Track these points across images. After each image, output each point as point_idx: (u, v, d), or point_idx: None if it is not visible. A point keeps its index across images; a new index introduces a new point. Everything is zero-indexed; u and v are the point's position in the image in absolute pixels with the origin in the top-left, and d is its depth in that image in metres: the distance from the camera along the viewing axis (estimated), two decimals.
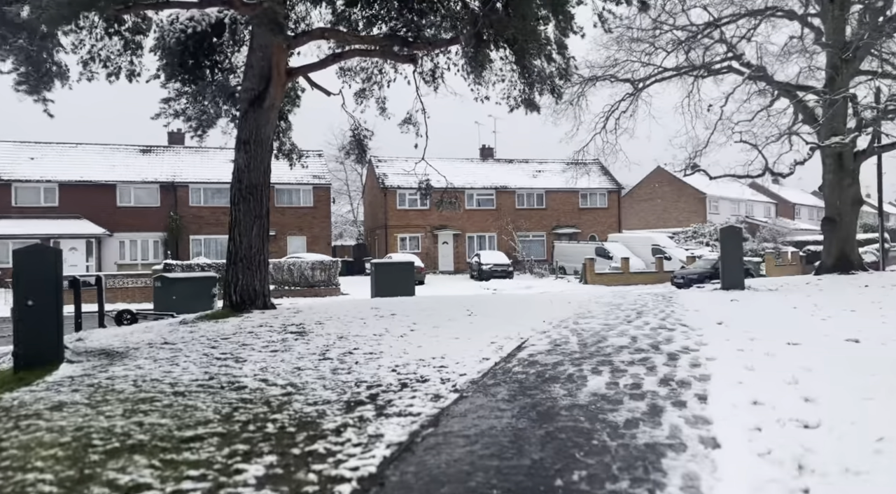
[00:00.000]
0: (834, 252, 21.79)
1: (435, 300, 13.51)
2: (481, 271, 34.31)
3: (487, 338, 7.89)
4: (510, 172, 43.15)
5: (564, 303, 12.48)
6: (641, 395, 4.72)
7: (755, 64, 21.60)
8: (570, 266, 36.69)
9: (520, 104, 14.31)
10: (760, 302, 11.77)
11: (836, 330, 7.67)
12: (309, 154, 41.07)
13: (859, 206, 22.14)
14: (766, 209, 59.36)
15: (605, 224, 42.60)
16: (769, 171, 19.96)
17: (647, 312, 10.48)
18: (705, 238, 42.39)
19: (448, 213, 40.26)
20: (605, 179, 43.42)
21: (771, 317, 9.24)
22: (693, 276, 29.03)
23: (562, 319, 9.69)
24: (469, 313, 10.62)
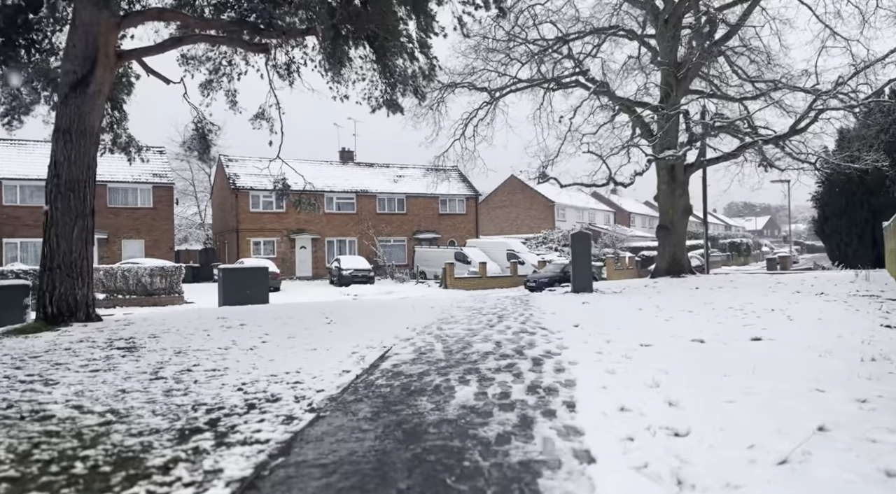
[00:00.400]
0: (667, 257, 23.84)
1: (291, 307, 12.69)
2: (341, 276, 33.43)
3: (348, 348, 7.37)
4: (371, 176, 42.66)
5: (427, 308, 12.26)
6: (511, 405, 4.50)
7: (599, 79, 23.10)
8: (431, 270, 36.96)
9: (382, 105, 13.93)
10: (609, 305, 12.36)
11: (680, 331, 8.10)
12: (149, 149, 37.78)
13: (689, 215, 24.45)
14: (606, 217, 64.26)
15: (463, 229, 43.52)
16: (612, 181, 21.37)
17: (507, 316, 10.53)
18: (554, 243, 44.83)
19: (306, 216, 38.85)
20: (464, 186, 44.42)
21: (621, 319, 9.63)
22: (544, 280, 30.41)
23: (425, 325, 9.41)
24: (328, 321, 10.00)
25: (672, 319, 9.69)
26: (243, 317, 10.78)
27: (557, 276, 30.73)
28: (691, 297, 14.26)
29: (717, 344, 6.94)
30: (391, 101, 13.60)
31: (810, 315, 9.79)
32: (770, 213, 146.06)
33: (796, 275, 23.51)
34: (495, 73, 23.25)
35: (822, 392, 4.13)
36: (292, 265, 38.57)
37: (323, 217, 39.46)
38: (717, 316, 10.05)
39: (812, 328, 8.17)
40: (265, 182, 41.47)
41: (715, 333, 7.76)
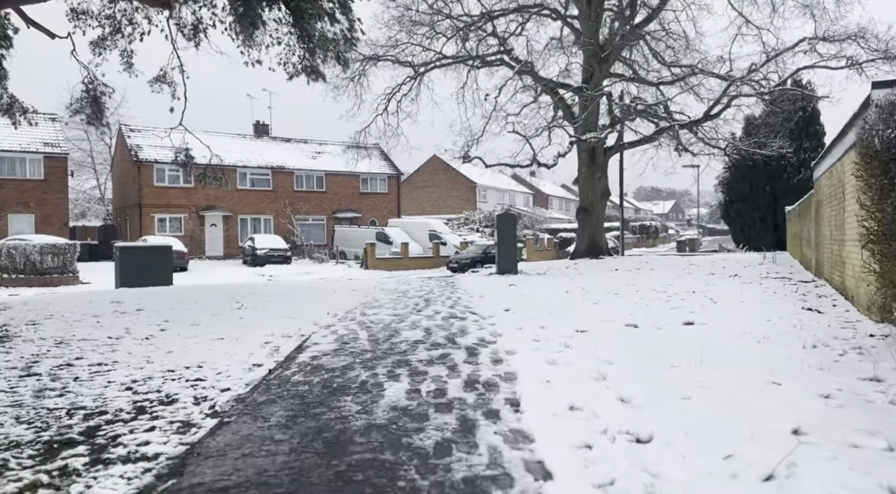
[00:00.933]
0: (586, 239, 24.13)
1: (198, 290, 11.64)
2: (255, 256, 31.83)
3: (261, 337, 6.63)
4: (288, 152, 40.82)
5: (349, 291, 11.57)
6: (448, 405, 3.99)
7: (524, 59, 22.84)
8: (351, 251, 35.95)
9: (300, 71, 12.92)
10: (536, 287, 12.13)
11: (611, 315, 7.89)
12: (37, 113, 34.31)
13: (607, 198, 24.81)
14: (525, 199, 65.10)
15: (385, 209, 42.62)
16: (536, 162, 21.25)
17: (434, 300, 10.04)
18: (475, 224, 44.81)
19: (216, 192, 36.76)
20: (386, 165, 43.43)
21: (551, 302, 9.36)
22: (466, 261, 30.24)
23: (347, 310, 8.75)
24: (239, 306, 9.14)
25: (600, 302, 9.52)
26: (142, 301, 9.70)
27: (479, 257, 30.64)
28: (613, 279, 14.33)
29: (650, 329, 6.74)
30: (311, 68, 12.63)
31: (731, 297, 9.90)
32: (675, 198, 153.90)
33: (706, 257, 24.46)
34: (419, 48, 22.49)
35: (779, 385, 3.89)
36: (202, 244, 36.42)
37: (235, 193, 37.45)
38: (643, 298, 9.99)
39: (739, 311, 8.18)
40: (171, 154, 38.86)
41: (646, 317, 7.59)
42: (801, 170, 31.94)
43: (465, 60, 23.07)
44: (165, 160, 35.67)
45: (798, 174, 31.96)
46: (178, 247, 29.33)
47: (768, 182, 32.56)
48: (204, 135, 39.98)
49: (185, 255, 29.26)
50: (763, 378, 4.06)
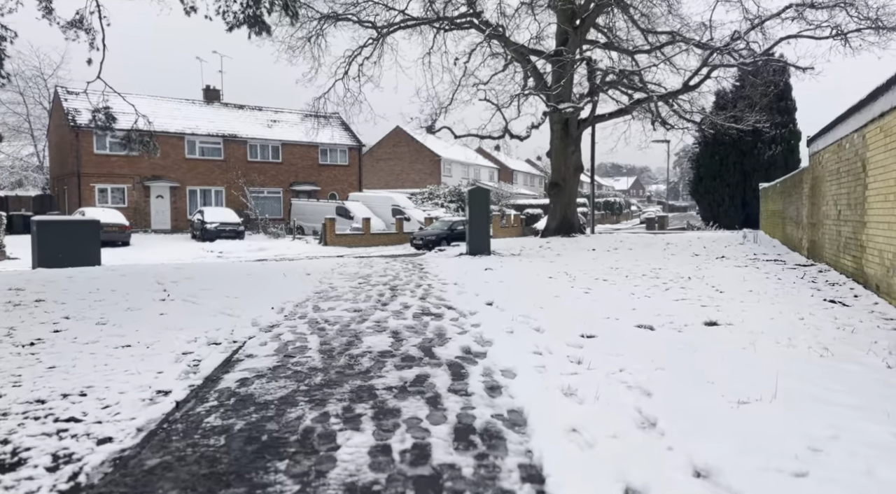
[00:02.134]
0: (558, 215, 22.99)
1: (122, 273, 9.95)
2: (205, 230, 29.74)
3: (180, 345, 5.13)
4: (241, 119, 38.36)
5: (302, 276, 10.06)
6: (433, 481, 2.61)
7: (494, 23, 21.28)
8: (309, 226, 34.13)
9: (242, 22, 11.15)
10: (514, 271, 10.83)
11: (614, 310, 6.64)
12: None
13: (580, 173, 23.65)
14: (490, 173, 63.81)
15: (345, 182, 40.70)
16: (508, 133, 19.87)
17: (402, 288, 8.64)
18: (440, 199, 43.34)
19: (164, 162, 34.33)
20: (347, 135, 41.37)
21: (537, 292, 8.08)
22: (431, 237, 28.85)
23: (297, 303, 7.28)
24: (165, 296, 7.55)
25: (592, 291, 8.28)
26: (47, 288, 8.02)
27: (445, 234, 29.27)
28: (595, 261, 13.17)
29: (669, 331, 5.51)
30: (254, 18, 10.88)
31: (735, 285, 8.79)
32: (635, 174, 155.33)
33: (679, 235, 23.62)
34: (382, 6, 20.64)
35: None
36: (147, 216, 33.99)
37: (184, 163, 35.01)
38: (638, 286, 8.81)
39: (757, 305, 7.03)
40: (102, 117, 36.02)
41: (654, 314, 6.37)
42: (771, 146, 31.45)
43: (432, 22, 21.34)
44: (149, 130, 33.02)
45: (769, 150, 31.47)
46: (117, 219, 27.10)
47: (738, 158, 31.99)
48: (148, 100, 37.36)
49: (126, 228, 27.08)
50: (889, 430, 2.83)
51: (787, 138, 32.15)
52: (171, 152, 34.64)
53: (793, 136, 32.34)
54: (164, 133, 34.09)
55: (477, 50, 21.48)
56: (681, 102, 23.56)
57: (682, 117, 23.69)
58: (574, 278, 9.76)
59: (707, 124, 23.96)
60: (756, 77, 22.33)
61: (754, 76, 21.81)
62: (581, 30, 20.85)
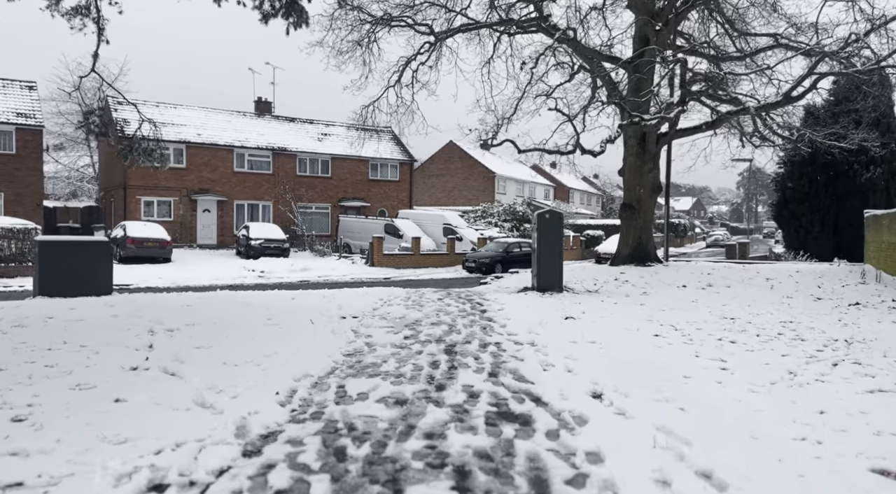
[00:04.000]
0: (631, 241, 20.42)
1: (118, 312, 8.07)
2: (250, 247, 28.35)
3: (101, 486, 3.03)
4: (291, 132, 37.21)
5: (334, 321, 7.97)
6: None
7: (563, 27, 19.04)
8: (357, 243, 32.42)
9: (277, 10, 9.32)
10: (602, 322, 8.47)
11: (796, 421, 4.24)
12: (12, 81, 30.85)
13: (658, 193, 21.06)
14: (545, 191, 61.21)
15: (395, 198, 38.98)
16: (580, 147, 17.51)
17: (461, 351, 6.41)
18: (494, 218, 41.07)
19: (212, 175, 33.37)
20: (398, 150, 39.73)
21: (651, 367, 5.72)
22: (485, 260, 26.65)
23: (317, 379, 5.15)
24: (142, 359, 5.56)
25: (729, 366, 5.86)
26: (3, 338, 6.16)
27: (500, 257, 27.01)
28: (695, 305, 10.67)
29: None
30: (290, 4, 8.99)
31: None
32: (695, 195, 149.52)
33: (769, 267, 20.60)
34: (439, 7, 18.68)
35: None
36: (193, 231, 32.97)
37: (232, 177, 33.94)
38: (786, 356, 6.33)
39: None
40: (163, 131, 35.30)
41: (871, 431, 3.96)
42: (869, 168, 27.95)
43: (494, 25, 19.29)
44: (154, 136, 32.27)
45: (866, 172, 27.98)
46: (158, 234, 25.93)
47: (830, 181, 28.55)
48: (200, 112, 36.63)
49: (167, 244, 25.87)
50: None
51: (888, 159, 28.57)
52: (219, 165, 33.67)
53: (894, 158, 28.75)
54: (213, 145, 33.23)
55: (540, 59, 19.22)
56: (773, 117, 20.79)
57: (774, 133, 20.86)
58: (690, 338, 7.33)
59: (804, 142, 20.98)
60: (867, 88, 19.37)
61: (869, 88, 18.83)
62: (663, 33, 18.38)
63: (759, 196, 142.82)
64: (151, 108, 34.96)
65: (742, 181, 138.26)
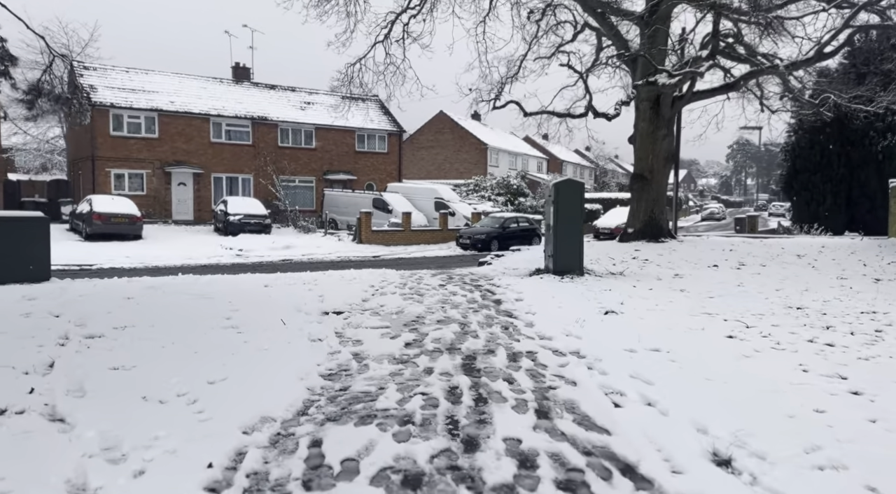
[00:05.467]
0: (642, 215, 18.68)
1: (30, 310, 6.26)
2: (228, 223, 26.37)
3: None
4: (272, 101, 34.88)
5: (314, 318, 6.20)
6: None
7: None
8: (343, 219, 30.52)
9: None
10: (650, 316, 6.77)
11: None
12: None
13: (672, 163, 19.35)
14: (538, 164, 59.33)
15: (384, 171, 36.93)
16: (592, 109, 15.68)
17: (483, 365, 4.66)
18: (487, 192, 39.20)
19: (187, 146, 31.15)
20: (386, 120, 37.55)
21: (760, 394, 4.03)
22: (481, 236, 24.93)
23: (277, 429, 3.39)
24: (2, 410, 3.77)
25: (858, 386, 4.21)
26: None
27: (496, 233, 25.27)
28: (742, 289, 9.05)
29: None
30: None
31: None
32: (684, 167, 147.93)
33: (792, 242, 18.97)
34: None
35: None
36: (167, 206, 30.83)
37: (209, 147, 31.71)
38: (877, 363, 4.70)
39: None
40: (133, 98, 32.99)
41: None
42: (886, 135, 26.37)
43: None
44: (125, 104, 29.98)
45: (883, 139, 26.39)
46: (127, 209, 23.86)
47: (843, 149, 26.96)
48: (173, 78, 34.21)
49: (138, 220, 23.85)
50: None
51: None
52: (195, 135, 31.42)
53: None
54: (187, 114, 30.95)
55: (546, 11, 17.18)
56: (797, 78, 19.03)
57: (796, 97, 19.10)
58: (772, 339, 5.65)
59: (828, 105, 19.21)
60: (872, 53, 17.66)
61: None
62: None
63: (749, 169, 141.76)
64: (121, 74, 32.52)
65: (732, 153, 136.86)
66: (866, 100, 18.79)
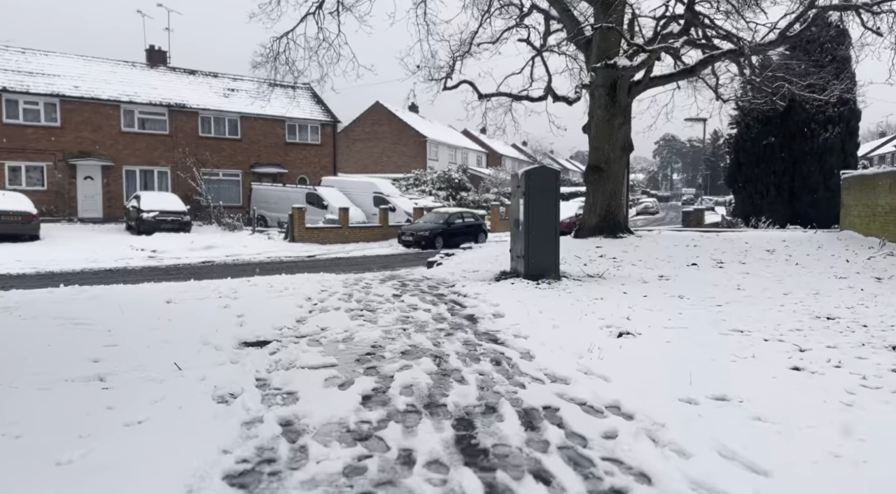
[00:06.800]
0: (599, 209, 17.48)
1: None
2: (141, 221, 23.53)
3: None
4: (191, 87, 31.86)
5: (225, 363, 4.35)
6: None
7: None
8: (273, 215, 28.12)
9: None
10: (678, 338, 5.29)
11: None
12: None
13: (629, 153, 18.23)
14: (478, 157, 58.13)
15: (317, 164, 34.55)
16: (552, 93, 14.25)
17: (489, 444, 2.98)
18: (428, 186, 37.58)
19: (94, 136, 27.90)
20: (319, 109, 35.15)
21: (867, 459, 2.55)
22: (425, 233, 23.31)
23: None
24: None
25: None
26: None
27: (440, 229, 23.69)
28: (743, 293, 7.79)
29: None
30: None
31: None
32: None
33: (753, 235, 18.23)
34: None
35: None
36: (73, 202, 27.46)
37: (120, 137, 28.50)
38: None
39: None
40: (30, 82, 29.32)
41: None
42: (827, 127, 26.43)
43: None
44: (20, 88, 26.44)
45: (824, 132, 26.45)
46: (20, 206, 20.76)
47: (786, 141, 26.88)
48: (74, 59, 30.55)
49: (33, 218, 20.83)
50: None
51: (846, 117, 27.04)
52: (103, 124, 28.16)
53: (853, 116, 27.26)
54: (94, 100, 27.71)
55: None
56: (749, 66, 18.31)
57: (751, 83, 18.40)
58: (856, 372, 4.25)
59: (781, 95, 18.59)
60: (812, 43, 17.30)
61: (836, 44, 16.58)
62: None
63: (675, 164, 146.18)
64: (16, 55, 28.77)
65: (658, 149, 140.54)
66: (819, 89, 18.31)
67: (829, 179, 25.99)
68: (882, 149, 58.81)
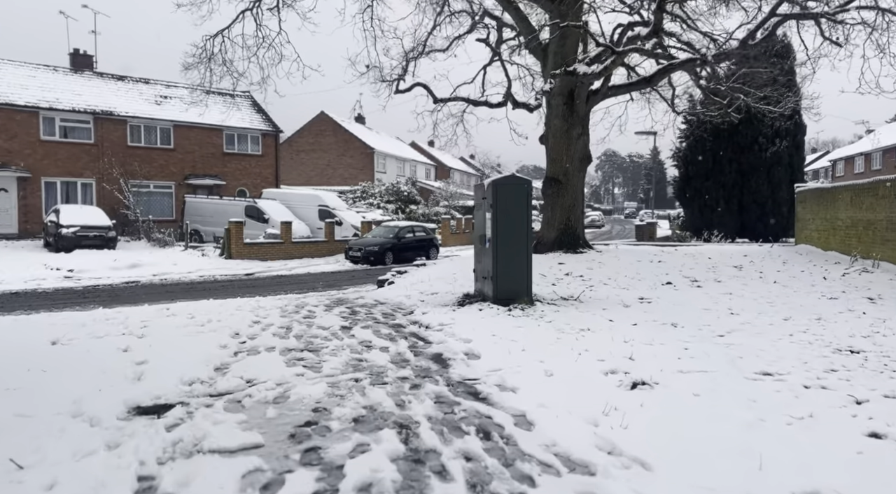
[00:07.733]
0: (557, 223, 16.59)
1: None
2: (60, 237, 21.31)
3: None
4: (119, 93, 29.59)
5: (98, 443, 3.02)
6: None
7: None
8: (209, 230, 26.18)
9: None
10: (674, 373, 4.27)
11: None
12: None
13: (587, 165, 17.47)
14: (427, 170, 57.16)
15: (258, 176, 32.69)
16: (511, 98, 13.31)
17: None
18: (376, 199, 36.22)
19: (8, 144, 25.39)
20: (259, 118, 33.36)
21: None
22: (373, 248, 22.01)
23: None
24: None
25: None
26: None
27: (390, 244, 22.43)
28: (738, 319, 6.92)
29: None
30: None
31: None
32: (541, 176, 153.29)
33: (714, 249, 17.74)
34: None
35: None
36: None
37: (39, 146, 26.02)
38: None
39: None
40: None
41: None
42: (775, 141, 26.65)
43: None
44: None
45: (772, 145, 26.66)
46: None
47: (734, 155, 26.95)
48: None
49: None
50: None
51: (792, 131, 27.34)
52: (19, 132, 25.66)
53: (799, 130, 27.60)
54: (8, 106, 25.24)
55: None
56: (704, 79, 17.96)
57: (711, 92, 18.03)
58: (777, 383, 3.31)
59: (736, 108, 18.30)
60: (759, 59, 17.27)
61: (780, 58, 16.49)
62: None
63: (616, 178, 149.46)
64: None
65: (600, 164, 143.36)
66: (774, 101, 18.13)
67: (777, 193, 26.18)
68: (816, 164, 61.19)
